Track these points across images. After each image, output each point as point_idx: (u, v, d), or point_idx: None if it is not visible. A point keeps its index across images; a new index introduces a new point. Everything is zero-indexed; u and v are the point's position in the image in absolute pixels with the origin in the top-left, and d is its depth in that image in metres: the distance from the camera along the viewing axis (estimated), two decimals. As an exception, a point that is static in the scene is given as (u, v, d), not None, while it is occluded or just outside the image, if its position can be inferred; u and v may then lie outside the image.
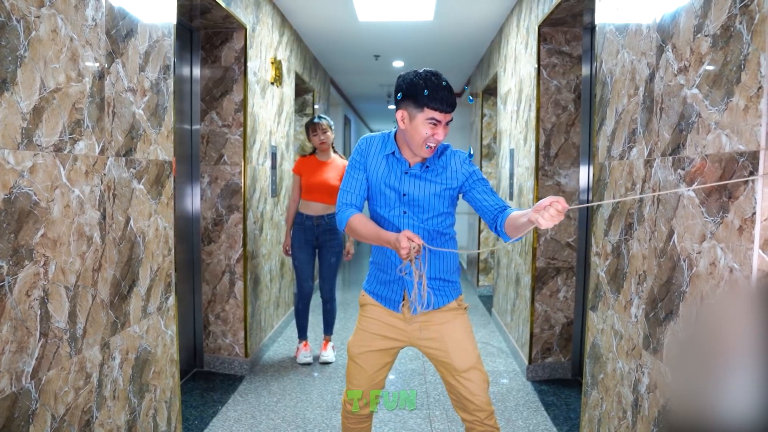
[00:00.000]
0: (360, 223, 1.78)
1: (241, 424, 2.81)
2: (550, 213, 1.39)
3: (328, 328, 3.86)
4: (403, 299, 1.83)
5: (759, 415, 1.26)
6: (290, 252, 3.71)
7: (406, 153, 1.81)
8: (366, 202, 1.90)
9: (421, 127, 1.70)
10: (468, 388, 1.79)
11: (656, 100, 1.77)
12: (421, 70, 1.73)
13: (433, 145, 1.72)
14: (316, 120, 3.63)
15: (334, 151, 3.75)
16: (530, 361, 3.47)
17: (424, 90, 1.67)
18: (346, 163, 3.60)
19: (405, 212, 1.82)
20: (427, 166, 1.80)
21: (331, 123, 3.70)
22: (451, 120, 1.73)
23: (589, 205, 1.66)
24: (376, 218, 1.86)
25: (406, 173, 1.80)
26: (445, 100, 1.68)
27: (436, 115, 1.68)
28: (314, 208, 3.60)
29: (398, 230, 1.81)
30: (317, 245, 3.66)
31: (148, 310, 2.14)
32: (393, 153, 1.81)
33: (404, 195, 1.80)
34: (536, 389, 3.31)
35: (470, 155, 1.85)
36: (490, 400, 1.83)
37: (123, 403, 1.95)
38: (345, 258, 3.81)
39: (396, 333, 1.86)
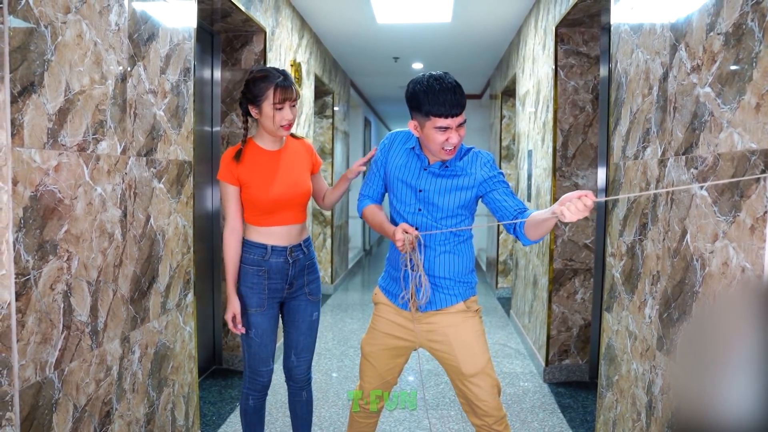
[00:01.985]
0: (370, 213, 1.90)
1: (258, 421, 2.86)
2: (578, 206, 1.38)
3: None
4: (411, 296, 1.81)
5: (765, 414, 1.25)
6: (241, 323, 1.99)
7: (427, 151, 1.78)
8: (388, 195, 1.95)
9: (433, 135, 1.65)
10: (476, 393, 1.75)
11: (670, 100, 1.76)
12: (426, 75, 1.66)
13: (449, 148, 1.67)
14: (281, 78, 1.91)
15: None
16: (547, 363, 3.45)
17: (425, 99, 1.61)
18: (308, 144, 2.15)
19: (420, 209, 1.79)
20: (447, 166, 1.75)
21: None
22: (464, 122, 1.66)
23: (617, 197, 1.65)
24: (393, 214, 1.88)
25: (425, 170, 1.78)
26: (448, 103, 1.59)
27: (442, 122, 1.62)
28: (285, 235, 2.02)
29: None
30: (288, 295, 2.07)
31: (167, 307, 2.19)
32: (413, 148, 1.79)
33: (420, 191, 1.78)
34: (553, 391, 3.29)
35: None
36: (501, 405, 1.78)
37: (142, 396, 2.01)
38: None
39: (405, 333, 1.85)
